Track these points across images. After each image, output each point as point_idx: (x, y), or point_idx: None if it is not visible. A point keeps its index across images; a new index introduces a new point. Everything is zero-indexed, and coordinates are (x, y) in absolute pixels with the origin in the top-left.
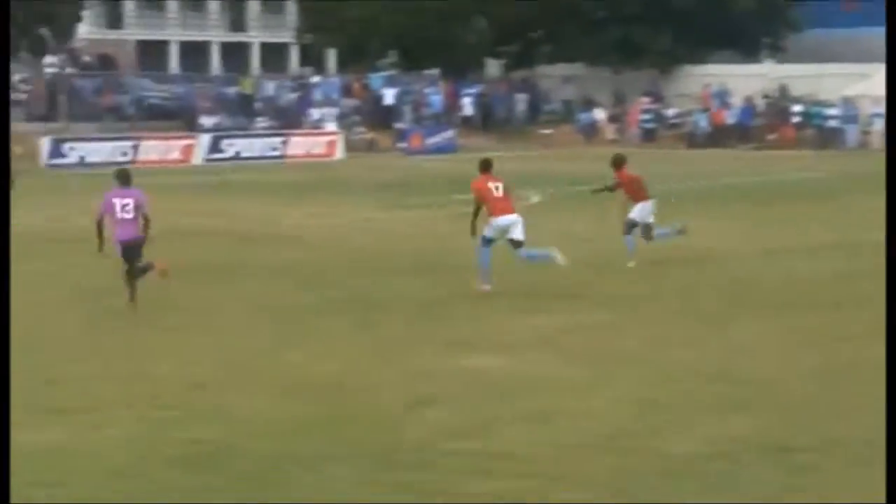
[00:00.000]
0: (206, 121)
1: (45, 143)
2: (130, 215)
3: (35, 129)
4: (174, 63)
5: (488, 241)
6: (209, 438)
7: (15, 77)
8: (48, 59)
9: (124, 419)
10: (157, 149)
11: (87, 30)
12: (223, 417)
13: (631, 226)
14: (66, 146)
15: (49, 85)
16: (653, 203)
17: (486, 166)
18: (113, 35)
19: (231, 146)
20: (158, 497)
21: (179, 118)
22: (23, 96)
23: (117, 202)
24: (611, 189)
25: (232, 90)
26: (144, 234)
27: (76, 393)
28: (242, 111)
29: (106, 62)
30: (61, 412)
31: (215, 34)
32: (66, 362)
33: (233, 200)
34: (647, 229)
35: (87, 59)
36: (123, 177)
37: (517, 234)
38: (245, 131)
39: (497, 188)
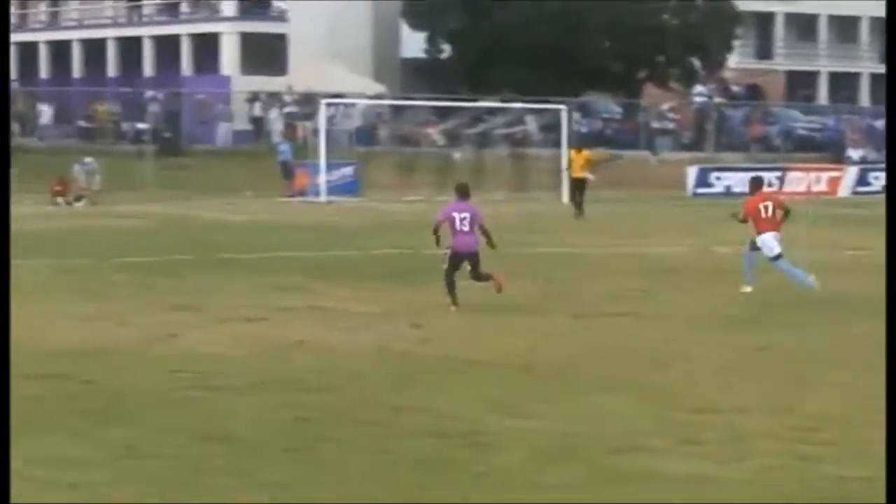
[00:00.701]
0: (854, 153)
1: (691, 172)
2: (467, 228)
3: (682, 158)
4: (823, 94)
5: None
6: (857, 476)
7: (664, 106)
8: (698, 88)
9: (768, 451)
10: (803, 180)
11: (736, 60)
12: (874, 457)
13: None
14: (713, 175)
15: (697, 114)
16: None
17: None
18: (763, 65)
19: (877, 179)
20: None
21: (827, 150)
22: (671, 125)
23: (456, 215)
24: None
25: (880, 123)
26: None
27: (714, 423)
28: None
29: (754, 92)
30: (698, 443)
31: (866, 66)
32: (712, 392)
33: (879, 234)
34: None
35: (735, 89)
36: (462, 191)
37: None
38: None
39: None
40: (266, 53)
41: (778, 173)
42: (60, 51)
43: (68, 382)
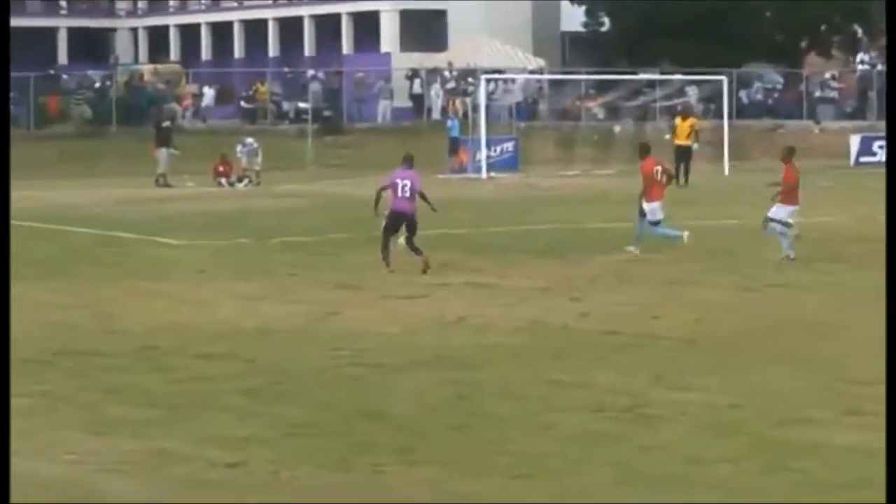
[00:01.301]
0: None
1: (854, 141)
2: (407, 194)
3: (845, 127)
4: None
5: None
6: None
7: (826, 74)
8: (860, 56)
9: None
10: None
11: None
12: None
13: None
14: (876, 144)
15: (860, 82)
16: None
17: None
18: None
19: None
20: None
21: None
22: (833, 94)
23: (399, 182)
24: None
25: None
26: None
27: (879, 395)
28: None
29: None
30: (863, 413)
31: None
32: (875, 363)
33: None
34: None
35: None
36: (407, 160)
37: None
38: None
39: None
40: (425, 30)
41: None
42: (221, 32)
43: (233, 362)
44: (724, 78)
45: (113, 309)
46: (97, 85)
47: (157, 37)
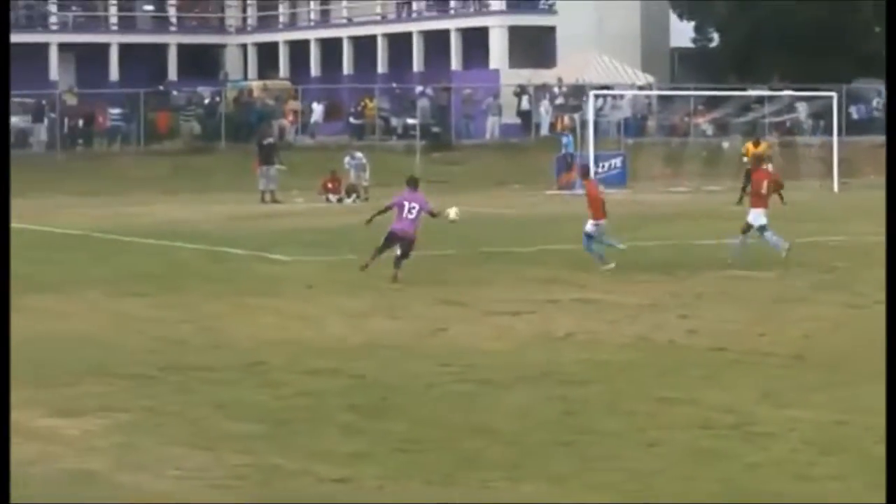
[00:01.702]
0: None
1: None
2: (413, 216)
3: None
4: None
5: None
6: None
7: None
8: None
9: None
10: None
11: None
12: None
13: None
14: None
15: None
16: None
17: None
18: None
19: None
20: None
21: None
22: None
23: (406, 204)
24: None
25: None
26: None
27: None
28: None
29: None
30: None
31: None
32: None
33: None
34: None
35: None
36: (412, 183)
37: None
38: None
39: None
40: (534, 46)
41: None
42: (330, 48)
43: (340, 377)
44: (833, 94)
45: (221, 324)
46: (206, 101)
47: (267, 53)
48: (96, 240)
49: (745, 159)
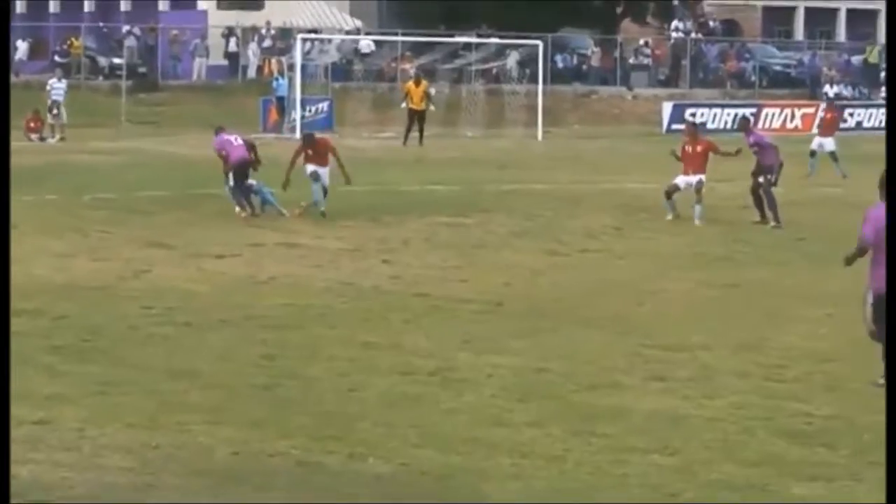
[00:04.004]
0: (830, 90)
1: (667, 108)
2: (241, 142)
3: (658, 94)
4: (800, 30)
5: None
6: (824, 414)
7: (640, 41)
8: (675, 23)
9: (737, 388)
10: (778, 117)
11: None
12: (842, 393)
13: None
14: (688, 111)
15: (674, 49)
16: None
17: None
18: (740, 1)
19: (852, 116)
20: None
21: (803, 86)
22: (647, 60)
23: (231, 139)
24: None
25: (857, 59)
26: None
27: (686, 361)
28: (866, 80)
29: (731, 28)
30: (669, 380)
31: (843, 1)
32: (684, 329)
33: (853, 171)
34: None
35: (712, 24)
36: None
37: None
38: (868, 101)
39: None
40: None
41: (753, 109)
42: None
43: (42, 318)
44: (539, 43)
45: None
46: None
47: None
48: None
49: (402, 105)
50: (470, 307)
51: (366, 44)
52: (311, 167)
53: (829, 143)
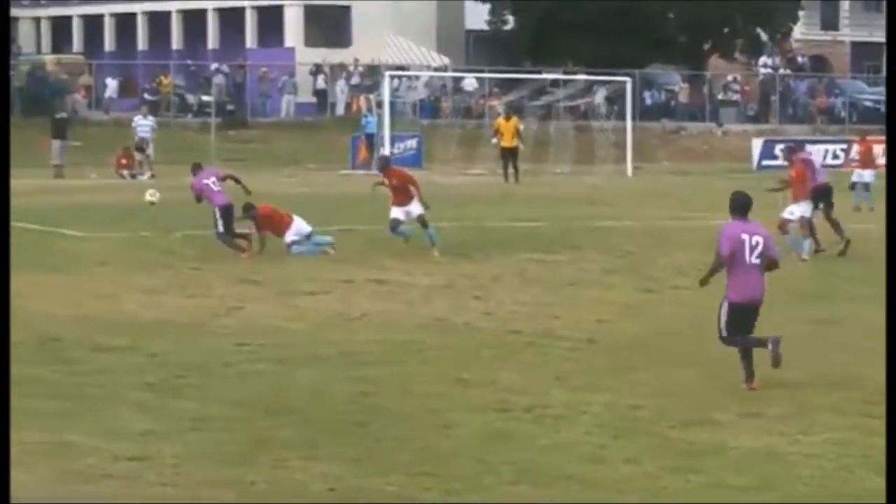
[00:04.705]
0: None
1: (756, 144)
2: (220, 188)
3: (747, 130)
4: None
5: None
6: None
7: (728, 77)
8: (763, 59)
9: (834, 425)
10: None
11: (802, 31)
12: None
13: None
14: (778, 147)
15: (762, 85)
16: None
17: None
18: (828, 36)
19: None
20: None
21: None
22: (736, 96)
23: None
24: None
25: None
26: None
27: (781, 397)
28: None
29: (820, 64)
30: (765, 416)
31: None
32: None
33: None
34: None
35: (801, 60)
36: (195, 167)
37: None
38: None
39: None
40: (330, 25)
41: (844, 145)
42: (125, 23)
43: (135, 355)
44: (627, 79)
45: (15, 301)
46: None
47: (61, 27)
48: None
49: (493, 140)
50: (563, 344)
51: (468, 81)
52: (396, 212)
53: (868, 175)
